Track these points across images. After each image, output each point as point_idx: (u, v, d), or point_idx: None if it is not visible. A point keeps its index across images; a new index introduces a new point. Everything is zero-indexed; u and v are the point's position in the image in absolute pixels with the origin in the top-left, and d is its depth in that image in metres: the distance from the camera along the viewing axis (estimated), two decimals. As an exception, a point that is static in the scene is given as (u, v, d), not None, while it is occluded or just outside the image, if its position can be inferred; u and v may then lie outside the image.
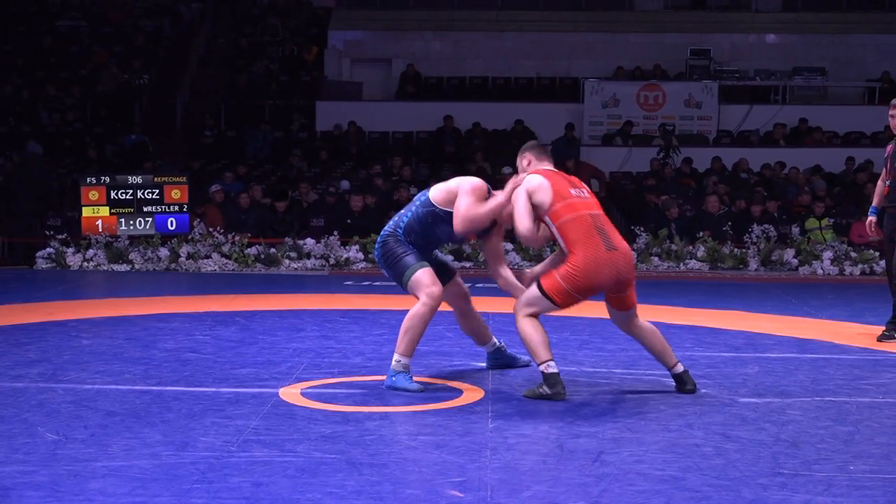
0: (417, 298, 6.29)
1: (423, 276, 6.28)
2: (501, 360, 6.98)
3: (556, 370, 6.10)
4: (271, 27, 24.41)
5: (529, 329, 6.10)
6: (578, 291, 6.05)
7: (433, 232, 6.45)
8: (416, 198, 6.54)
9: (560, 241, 6.15)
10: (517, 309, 6.20)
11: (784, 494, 4.35)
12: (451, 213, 6.28)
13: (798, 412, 5.81)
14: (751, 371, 7.01)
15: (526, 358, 6.92)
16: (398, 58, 24.01)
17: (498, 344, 6.99)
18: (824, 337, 8.50)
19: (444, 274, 6.59)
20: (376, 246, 6.52)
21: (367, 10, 24.74)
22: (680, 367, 6.35)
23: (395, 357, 6.30)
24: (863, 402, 6.08)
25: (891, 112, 8.35)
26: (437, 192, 6.37)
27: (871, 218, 8.62)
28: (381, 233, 6.52)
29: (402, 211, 6.54)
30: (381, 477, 4.52)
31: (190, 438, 5.08)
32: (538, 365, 6.14)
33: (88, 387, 6.25)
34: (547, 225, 6.19)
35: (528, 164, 6.38)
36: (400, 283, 6.39)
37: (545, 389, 6.09)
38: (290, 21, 25.06)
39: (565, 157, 18.35)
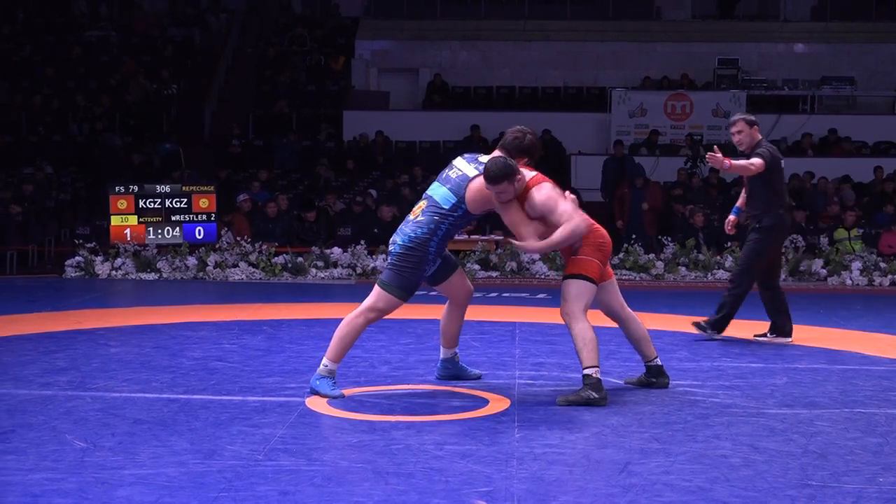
0: (366, 303, 6.31)
1: (391, 304, 6.31)
2: (454, 371, 6.86)
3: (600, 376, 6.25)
4: (299, 37, 24.51)
5: (587, 332, 6.20)
6: (604, 261, 6.38)
7: (462, 227, 6.57)
8: (441, 204, 6.28)
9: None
10: (568, 308, 6.23)
11: (813, 506, 4.33)
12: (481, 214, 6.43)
13: (827, 423, 5.77)
14: (779, 382, 6.97)
15: (476, 371, 6.93)
16: (425, 67, 24.06)
17: (457, 354, 6.89)
18: (853, 348, 8.45)
19: (448, 268, 6.56)
20: (401, 241, 6.27)
21: (394, 19, 24.79)
22: (658, 361, 6.73)
23: (324, 361, 6.32)
24: (892, 414, 6.03)
25: (730, 130, 8.81)
26: (473, 203, 6.22)
27: (732, 217, 8.97)
28: (411, 234, 6.25)
29: (435, 218, 6.27)
30: (407, 486, 4.52)
31: (217, 447, 5.09)
32: (586, 368, 6.19)
33: (116, 395, 6.28)
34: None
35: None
36: (382, 280, 6.33)
37: (592, 394, 6.15)
38: (317, 31, 25.16)
39: (619, 176, 18.27)
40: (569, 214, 6.14)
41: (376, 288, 6.34)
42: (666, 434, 5.51)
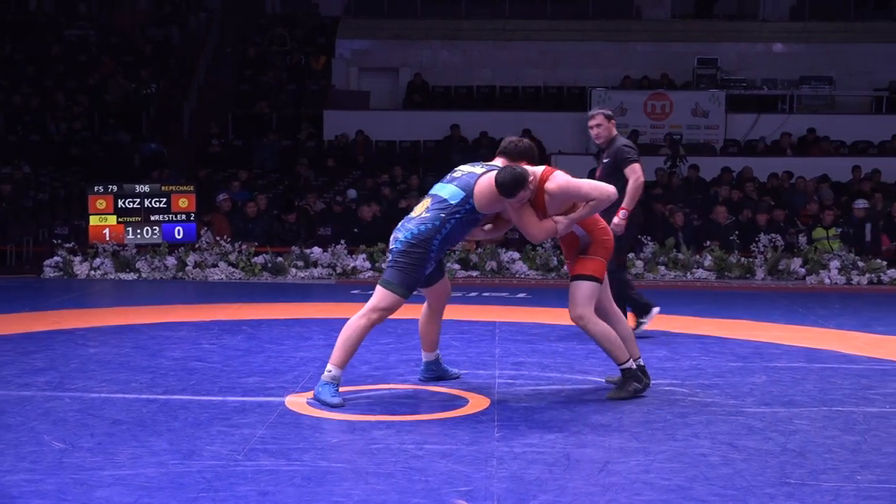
0: (369, 304, 6.16)
1: (394, 303, 6.16)
2: (438, 372, 6.83)
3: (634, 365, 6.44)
4: (279, 37, 24.46)
5: (606, 331, 6.33)
6: (608, 259, 6.43)
7: (466, 232, 6.43)
8: (448, 199, 6.17)
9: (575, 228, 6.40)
10: (580, 312, 6.28)
11: (791, 504, 4.35)
12: (487, 214, 6.30)
13: (805, 422, 5.80)
14: (758, 380, 7.00)
15: (456, 371, 6.92)
16: (405, 67, 24.05)
17: (439, 355, 6.86)
18: (832, 346, 8.49)
19: (440, 271, 6.56)
20: (403, 237, 6.15)
21: (374, 19, 24.79)
22: (641, 361, 6.66)
23: (328, 367, 6.12)
24: (870, 412, 6.07)
25: (589, 123, 8.81)
26: (481, 198, 6.13)
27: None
28: (414, 231, 6.14)
29: (441, 214, 6.15)
30: (387, 486, 4.52)
31: (196, 447, 5.08)
32: (622, 364, 6.34)
33: (95, 395, 6.26)
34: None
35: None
36: (384, 279, 6.19)
37: (637, 385, 6.35)
38: (297, 30, 25.11)
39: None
40: (594, 186, 6.27)
41: (378, 288, 6.20)
42: (645, 433, 5.53)
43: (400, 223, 6.32)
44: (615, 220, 8.20)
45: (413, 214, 6.31)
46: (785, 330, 9.49)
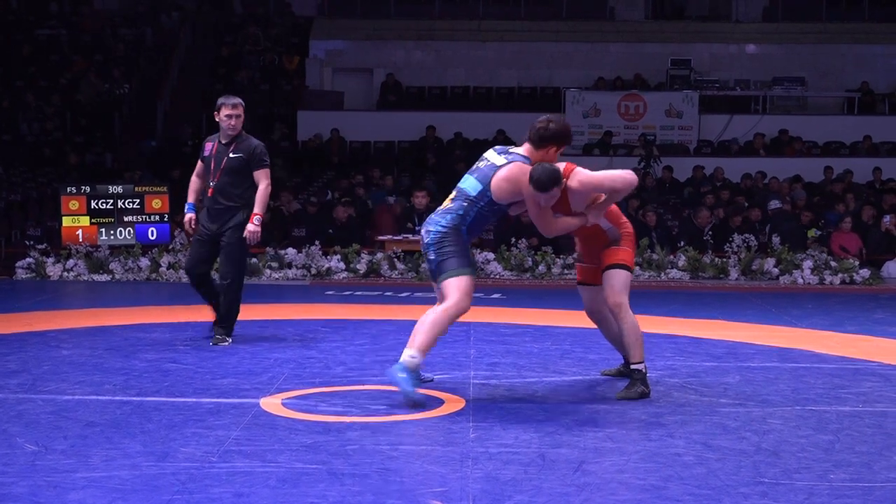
0: (445, 298, 6.16)
1: (467, 284, 6.18)
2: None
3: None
4: (252, 36, 24.41)
5: (637, 326, 6.45)
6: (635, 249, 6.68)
7: (490, 221, 6.52)
8: (468, 191, 6.21)
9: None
10: (619, 300, 6.40)
11: (765, 503, 4.36)
12: (511, 204, 6.27)
13: (779, 421, 5.82)
14: (732, 380, 7.02)
15: (428, 375, 6.86)
16: (380, 67, 24.05)
17: None
18: (805, 346, 8.52)
19: None
20: (434, 229, 6.18)
21: (348, 19, 24.77)
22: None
23: (410, 352, 6.02)
24: (843, 411, 6.10)
25: (232, 111, 8.52)
26: (499, 191, 6.14)
27: (190, 215, 8.81)
28: (441, 223, 6.19)
29: (464, 204, 6.21)
30: (362, 487, 4.51)
31: (170, 449, 5.05)
32: (635, 363, 6.41)
33: (68, 397, 6.22)
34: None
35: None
36: (439, 274, 6.18)
37: (643, 388, 6.36)
38: (271, 30, 25.06)
39: None
40: (612, 178, 6.42)
41: (446, 283, 6.17)
42: (620, 433, 5.54)
43: (427, 218, 6.38)
44: (249, 226, 8.11)
45: (440, 208, 6.38)
46: (758, 330, 9.53)
